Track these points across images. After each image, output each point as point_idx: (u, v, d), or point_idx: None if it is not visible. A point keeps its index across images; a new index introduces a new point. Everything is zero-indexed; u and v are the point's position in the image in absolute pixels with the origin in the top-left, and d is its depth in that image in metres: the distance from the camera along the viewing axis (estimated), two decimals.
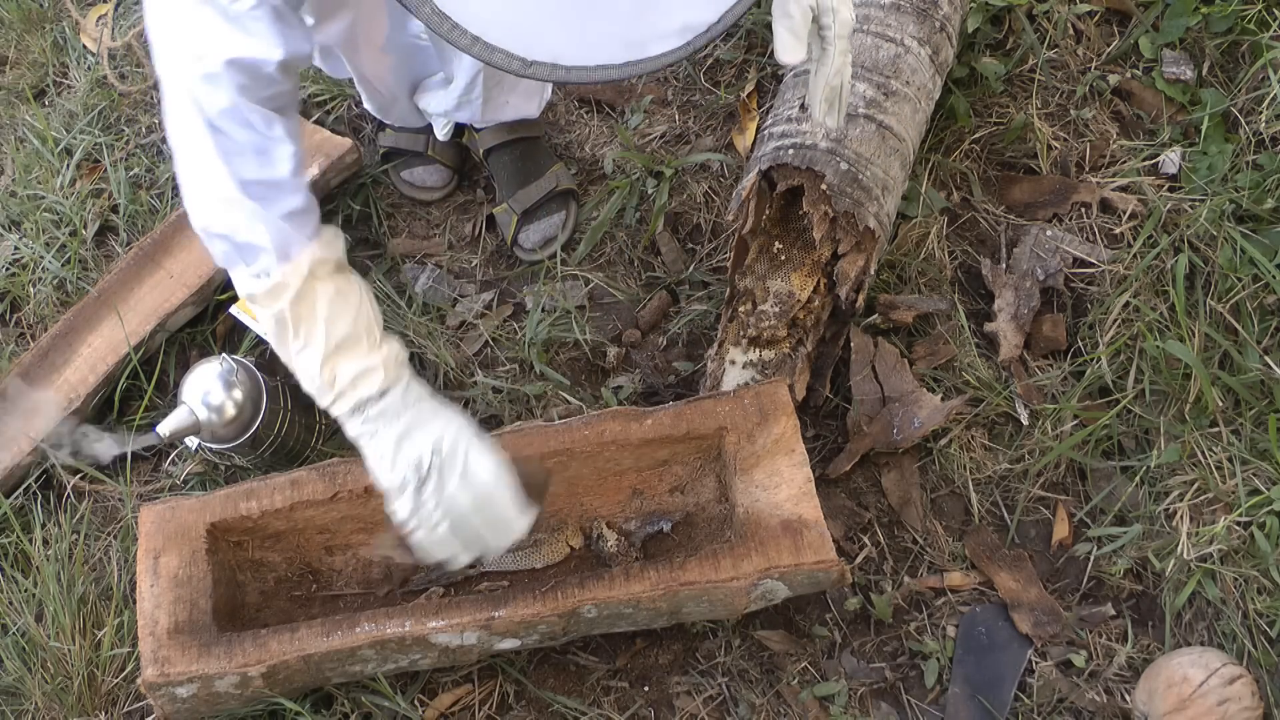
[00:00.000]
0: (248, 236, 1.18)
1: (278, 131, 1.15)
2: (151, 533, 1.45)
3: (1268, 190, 1.73)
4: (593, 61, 0.94)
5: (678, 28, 0.94)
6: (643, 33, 0.94)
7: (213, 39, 1.11)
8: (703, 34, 0.95)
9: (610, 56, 0.94)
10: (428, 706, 1.49)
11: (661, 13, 0.93)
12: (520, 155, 1.85)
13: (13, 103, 2.11)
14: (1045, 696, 1.48)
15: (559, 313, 1.77)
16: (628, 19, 0.93)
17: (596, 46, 0.93)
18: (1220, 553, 1.52)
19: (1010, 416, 1.66)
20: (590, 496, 1.55)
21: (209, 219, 1.19)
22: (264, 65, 1.12)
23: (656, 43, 0.94)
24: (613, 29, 0.93)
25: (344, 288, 1.21)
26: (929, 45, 1.69)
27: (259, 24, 1.10)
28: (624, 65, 0.94)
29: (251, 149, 1.15)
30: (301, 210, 1.19)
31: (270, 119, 1.15)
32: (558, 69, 0.93)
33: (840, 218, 1.57)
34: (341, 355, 1.20)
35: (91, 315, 1.77)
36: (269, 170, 1.16)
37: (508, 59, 0.92)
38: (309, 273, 1.18)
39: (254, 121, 1.14)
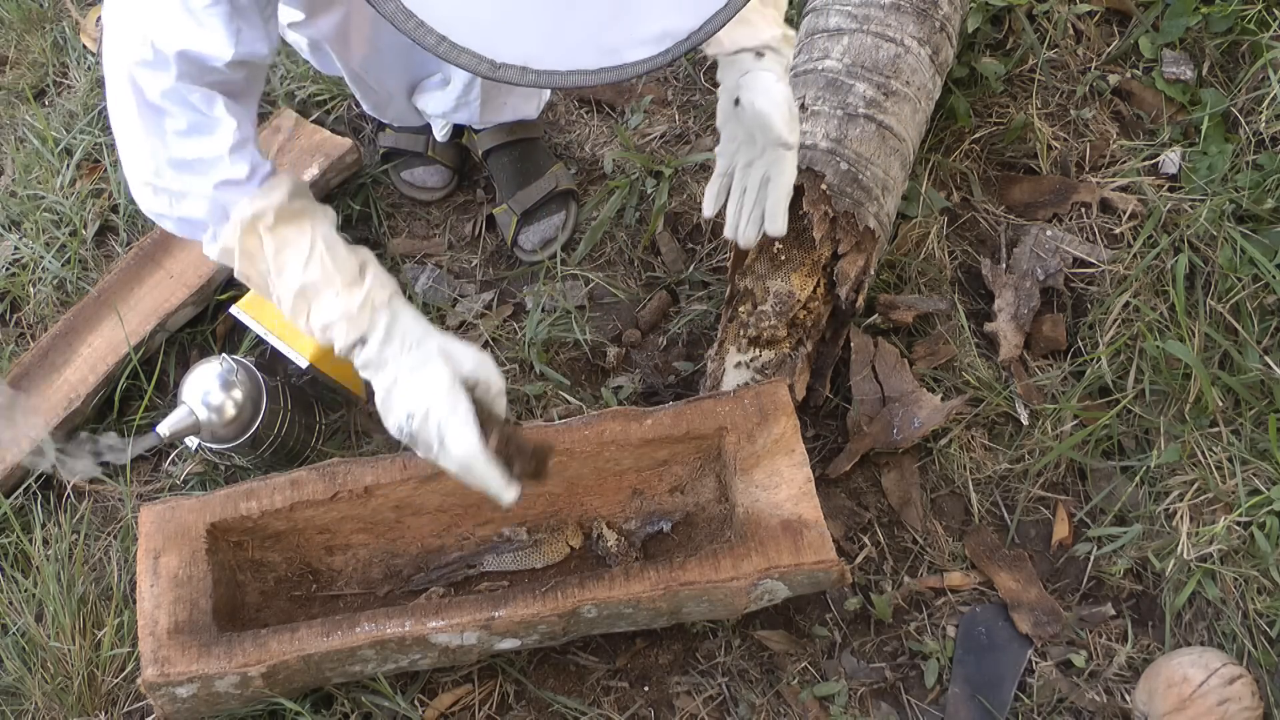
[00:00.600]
0: (184, 211, 1.19)
1: (218, 110, 1.15)
2: (151, 533, 1.45)
3: (1268, 190, 1.73)
4: (565, 66, 0.89)
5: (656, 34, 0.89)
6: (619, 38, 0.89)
7: (167, 27, 1.11)
8: (682, 41, 0.90)
9: (584, 62, 0.89)
10: (428, 706, 1.49)
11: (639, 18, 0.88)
12: (520, 156, 1.85)
13: (13, 103, 2.11)
14: (1045, 696, 1.48)
15: (559, 313, 1.77)
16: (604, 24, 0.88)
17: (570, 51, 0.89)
18: (1220, 553, 1.52)
19: (1010, 416, 1.66)
20: (590, 496, 1.55)
21: (153, 204, 1.21)
22: (213, 60, 1.12)
23: (633, 49, 0.89)
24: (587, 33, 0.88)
25: (291, 237, 1.19)
26: (929, 45, 1.69)
27: (214, 20, 1.10)
28: (597, 71, 0.89)
29: (189, 127, 1.15)
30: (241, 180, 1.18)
31: (211, 98, 1.14)
32: (528, 72, 0.88)
33: (840, 218, 1.57)
34: (306, 304, 1.19)
35: (91, 315, 1.77)
36: (206, 148, 1.16)
37: (475, 60, 0.87)
38: (248, 229, 1.18)
39: (194, 101, 1.14)
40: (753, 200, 1.44)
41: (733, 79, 1.36)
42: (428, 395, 1.19)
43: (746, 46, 1.33)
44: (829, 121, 1.61)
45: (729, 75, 1.36)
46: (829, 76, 1.66)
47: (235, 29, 1.11)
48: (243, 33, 1.12)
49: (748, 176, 1.44)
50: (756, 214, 1.44)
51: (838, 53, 1.67)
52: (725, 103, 1.39)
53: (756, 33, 1.33)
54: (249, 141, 1.19)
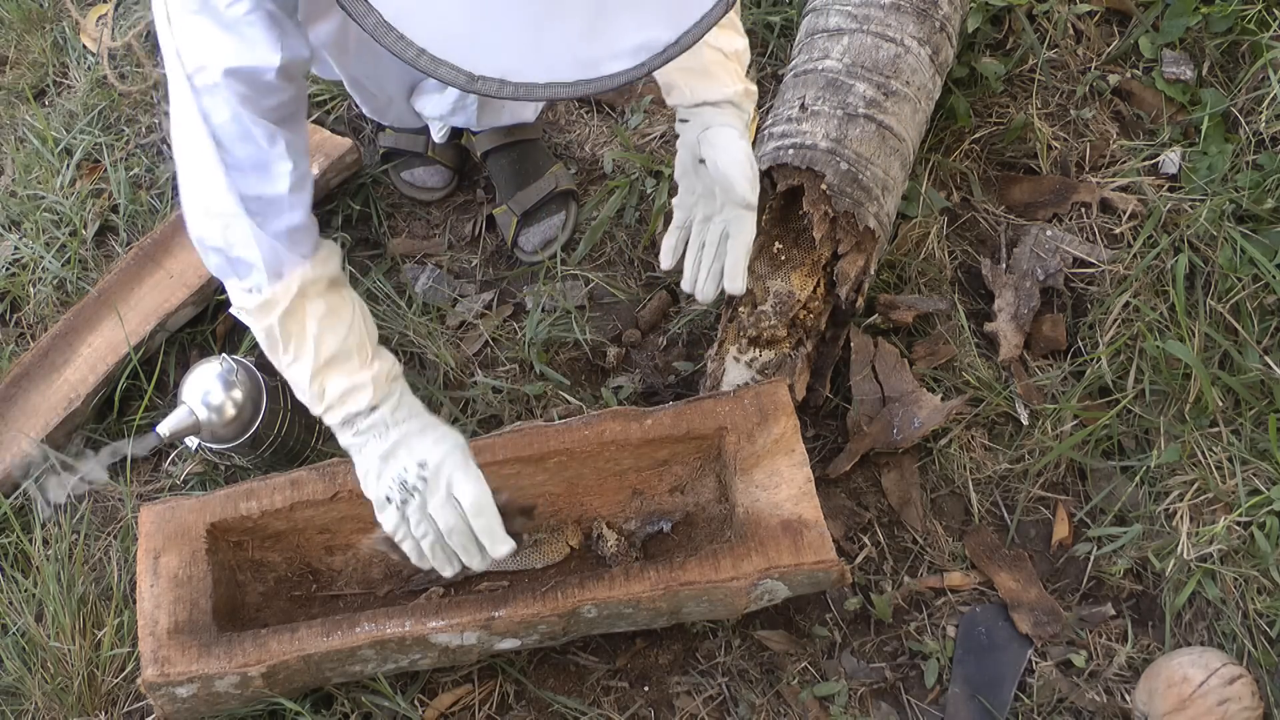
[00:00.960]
0: (241, 252, 1.19)
1: (279, 147, 1.16)
2: (151, 533, 1.45)
3: (1268, 190, 1.73)
4: (542, 79, 0.89)
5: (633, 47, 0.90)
6: (596, 52, 0.89)
7: (210, 48, 1.11)
8: (659, 55, 0.91)
9: (561, 74, 0.90)
10: (428, 706, 1.49)
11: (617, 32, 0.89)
12: (519, 157, 1.85)
13: (13, 103, 2.11)
14: (1045, 696, 1.48)
15: (559, 313, 1.77)
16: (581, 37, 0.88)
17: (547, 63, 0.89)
18: (1220, 553, 1.52)
19: (1010, 416, 1.66)
20: (590, 496, 1.55)
21: (204, 231, 1.21)
22: (263, 73, 1.12)
23: (610, 62, 0.90)
24: (565, 46, 0.88)
25: (336, 305, 1.23)
26: (929, 45, 1.69)
27: (254, 29, 1.10)
28: (575, 84, 0.90)
29: (251, 164, 1.16)
30: (298, 228, 1.20)
31: (273, 134, 1.15)
32: (505, 85, 0.89)
33: (840, 218, 1.57)
34: (331, 370, 1.22)
35: (91, 315, 1.77)
36: (267, 186, 1.17)
37: (453, 73, 0.88)
38: (299, 292, 1.20)
39: (256, 135, 1.14)
40: (711, 256, 1.45)
41: (693, 134, 1.38)
42: (441, 449, 1.25)
43: (708, 100, 1.36)
44: (829, 121, 1.61)
45: (690, 129, 1.38)
46: (829, 76, 1.66)
47: (277, 34, 1.11)
48: (285, 40, 1.12)
49: (706, 232, 1.45)
50: (716, 269, 1.46)
51: (838, 53, 1.67)
52: (685, 156, 1.41)
53: (719, 87, 1.35)
54: (306, 178, 1.20)
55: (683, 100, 1.37)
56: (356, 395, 1.23)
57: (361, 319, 1.25)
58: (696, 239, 1.46)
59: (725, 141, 1.35)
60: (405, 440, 1.25)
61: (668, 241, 1.48)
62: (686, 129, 1.39)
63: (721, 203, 1.42)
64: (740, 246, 1.42)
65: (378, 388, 1.23)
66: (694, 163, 1.40)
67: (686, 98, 1.36)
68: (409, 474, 1.24)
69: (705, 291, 1.48)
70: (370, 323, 1.26)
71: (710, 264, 1.46)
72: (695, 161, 1.40)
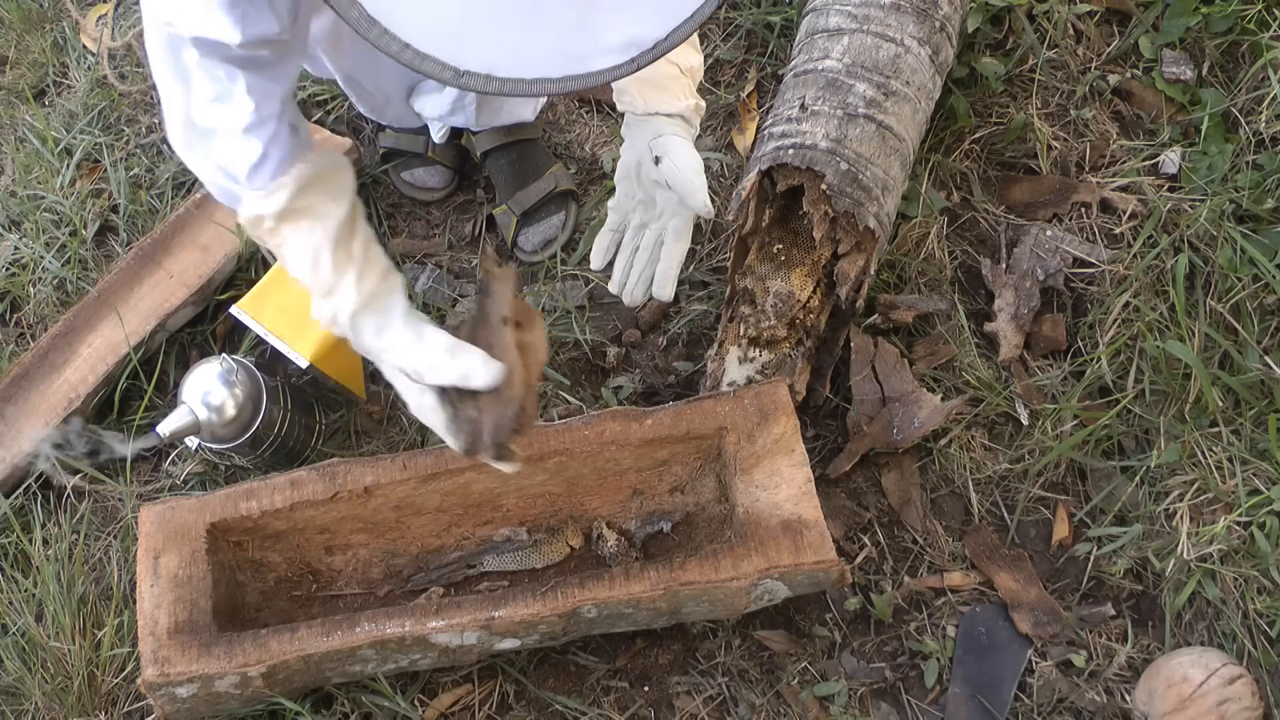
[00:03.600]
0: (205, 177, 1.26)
1: (239, 87, 1.17)
2: (151, 533, 1.45)
3: (1268, 190, 1.73)
4: (529, 74, 0.89)
5: (623, 43, 0.89)
6: (584, 47, 0.89)
7: (179, 12, 1.13)
8: (648, 51, 0.90)
9: (549, 70, 0.89)
10: (428, 706, 1.49)
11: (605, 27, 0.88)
12: (518, 157, 1.85)
13: (13, 103, 2.11)
14: (1045, 696, 1.48)
15: (559, 313, 1.77)
16: (569, 31, 0.88)
17: (534, 59, 0.88)
18: (1220, 553, 1.52)
19: (1010, 416, 1.66)
20: (590, 496, 1.55)
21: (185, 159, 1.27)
22: (225, 42, 1.13)
23: (599, 58, 0.89)
24: (552, 41, 0.88)
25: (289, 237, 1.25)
26: (929, 45, 1.69)
27: (217, 8, 1.11)
28: (562, 79, 0.89)
29: (213, 97, 1.18)
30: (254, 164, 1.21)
31: (234, 74, 1.16)
32: (492, 80, 0.88)
33: (840, 218, 1.57)
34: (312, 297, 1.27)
35: (91, 315, 1.77)
36: (223, 120, 1.19)
37: (439, 68, 0.87)
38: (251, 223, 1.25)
39: (218, 74, 1.16)
40: (644, 261, 1.47)
41: (643, 140, 1.39)
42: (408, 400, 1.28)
43: (661, 111, 1.37)
44: (829, 121, 1.61)
45: (639, 135, 1.40)
46: (829, 76, 1.66)
47: (239, 14, 1.11)
48: (248, 16, 1.12)
49: (640, 237, 1.47)
50: (647, 275, 1.47)
51: (838, 53, 1.67)
52: (630, 159, 1.42)
53: (673, 100, 1.37)
54: (269, 119, 1.20)
55: (634, 108, 1.38)
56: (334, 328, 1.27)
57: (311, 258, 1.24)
58: (630, 243, 1.48)
59: (680, 149, 1.37)
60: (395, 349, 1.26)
61: (600, 242, 1.50)
62: (634, 134, 1.41)
63: (660, 210, 1.43)
64: (675, 255, 1.44)
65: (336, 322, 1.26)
66: (637, 167, 1.42)
67: (639, 106, 1.38)
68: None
69: (634, 295, 1.50)
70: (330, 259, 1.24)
71: (643, 269, 1.47)
72: (638, 166, 1.42)
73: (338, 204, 1.26)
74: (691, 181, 1.36)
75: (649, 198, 1.44)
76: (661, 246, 1.45)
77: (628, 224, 1.48)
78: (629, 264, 1.49)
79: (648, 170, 1.40)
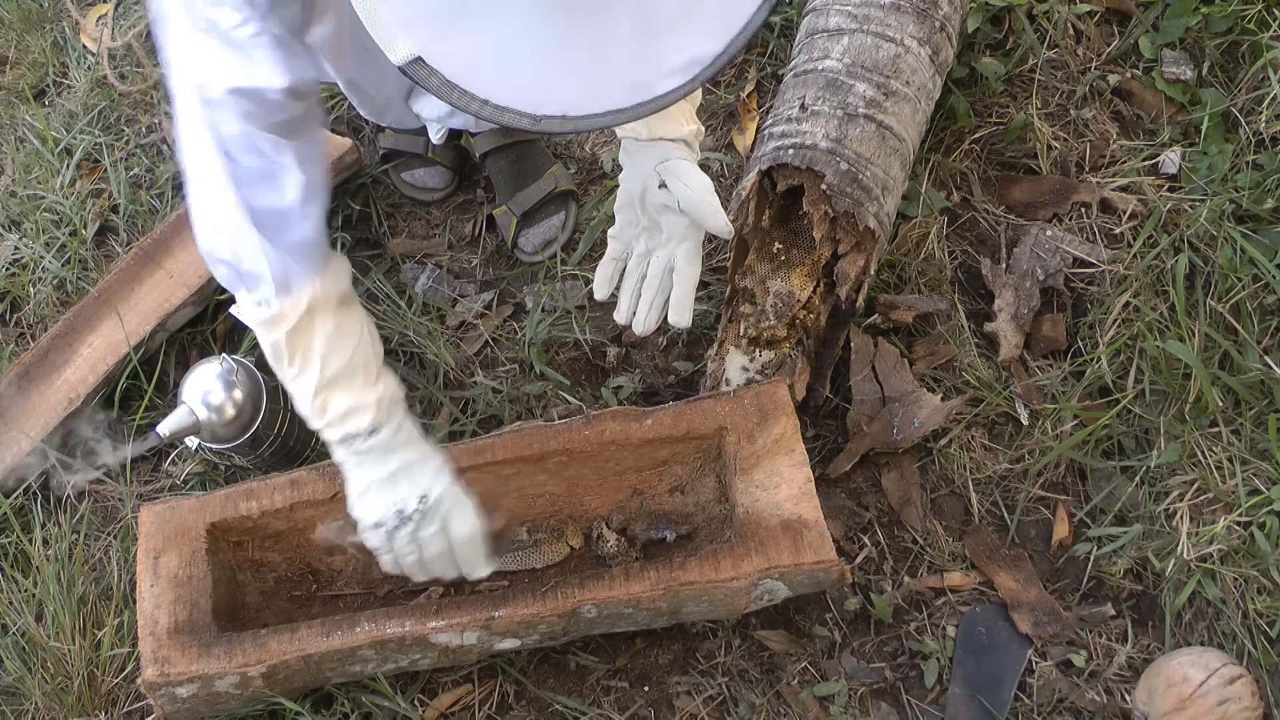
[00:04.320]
0: (250, 265, 1.19)
1: (287, 158, 1.15)
2: (151, 533, 1.45)
3: (1268, 190, 1.73)
4: (600, 109, 0.92)
5: (684, 63, 0.92)
6: (649, 73, 0.91)
7: (215, 67, 1.10)
8: (708, 67, 0.93)
9: (618, 101, 0.92)
10: (428, 706, 1.49)
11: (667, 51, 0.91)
12: (518, 158, 1.85)
13: (13, 103, 2.11)
14: (1045, 696, 1.48)
15: (559, 313, 1.77)
16: (632, 62, 0.91)
17: (603, 92, 0.91)
18: (1220, 553, 1.52)
19: (1010, 416, 1.66)
20: (590, 496, 1.55)
21: (213, 243, 1.21)
22: (268, 93, 1.11)
23: (663, 81, 0.92)
24: (618, 73, 0.91)
25: (344, 322, 1.23)
26: (929, 45, 1.69)
27: (261, 51, 1.10)
28: (633, 108, 0.92)
29: (259, 175, 1.15)
30: (308, 240, 1.19)
31: (280, 145, 1.14)
32: (568, 120, 0.91)
33: (840, 218, 1.57)
34: (334, 388, 1.22)
35: (91, 315, 1.77)
36: (275, 198, 1.16)
37: (518, 117, 0.91)
38: (307, 309, 1.20)
39: (263, 148, 1.14)
40: (655, 289, 1.45)
41: (647, 165, 1.38)
42: (442, 482, 1.27)
43: (665, 137, 1.37)
44: (829, 121, 1.61)
45: (642, 161, 1.39)
46: (829, 76, 1.66)
47: (283, 55, 1.11)
48: (292, 62, 1.12)
49: (647, 264, 1.45)
50: (659, 302, 1.46)
51: (838, 53, 1.67)
52: (632, 185, 1.41)
53: (676, 126, 1.37)
54: (317, 192, 1.19)
55: (636, 134, 1.38)
56: (358, 416, 1.23)
57: (369, 339, 1.25)
58: (635, 271, 1.46)
59: (689, 171, 1.36)
60: (407, 469, 1.25)
61: (603, 272, 1.48)
62: (636, 161, 1.40)
63: (668, 236, 1.42)
64: (689, 279, 1.42)
65: (380, 411, 1.24)
66: (641, 193, 1.41)
67: (642, 132, 1.37)
68: (409, 504, 1.25)
69: (647, 324, 1.47)
70: (377, 343, 1.27)
71: (654, 297, 1.46)
72: (642, 192, 1.41)
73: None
74: (709, 202, 1.36)
75: (653, 224, 1.43)
76: (672, 273, 1.43)
77: (630, 253, 1.47)
78: (636, 292, 1.47)
79: (653, 195, 1.39)
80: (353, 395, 1.23)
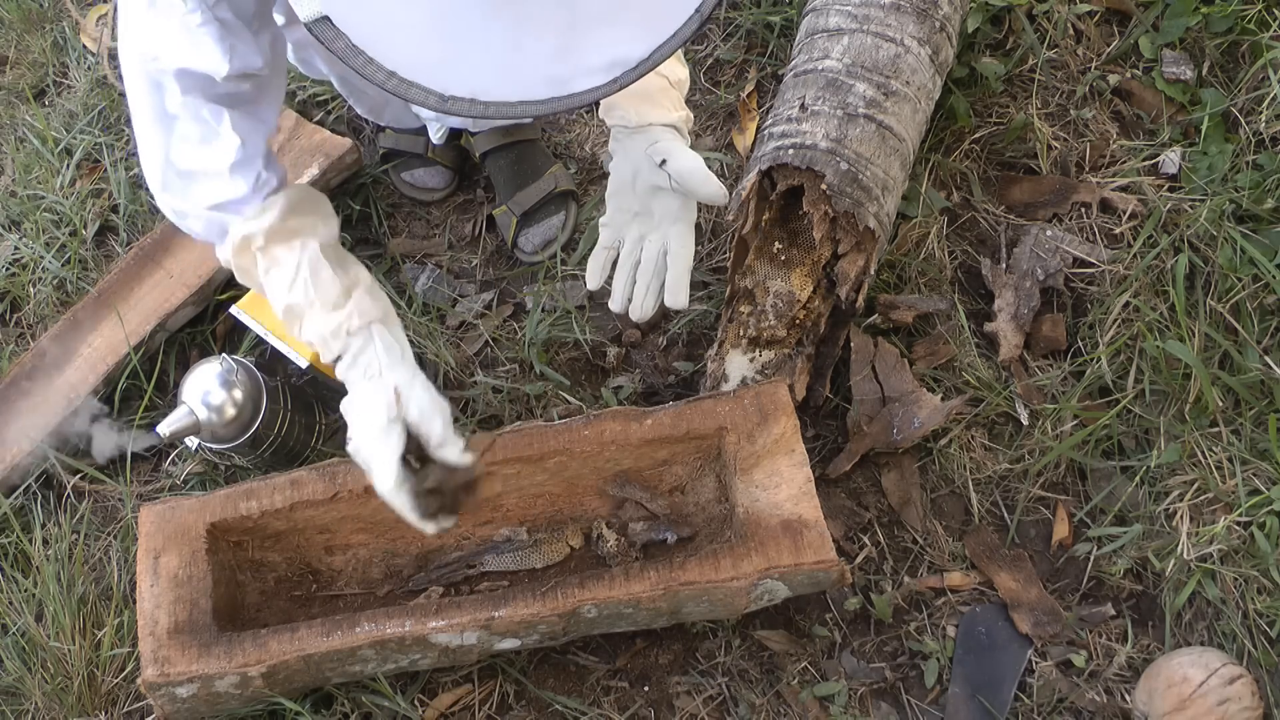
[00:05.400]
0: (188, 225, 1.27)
1: (224, 126, 1.18)
2: (151, 533, 1.45)
3: (1268, 190, 1.73)
4: (514, 97, 0.89)
5: (606, 63, 0.89)
6: (568, 69, 0.88)
7: (165, 45, 1.13)
8: (632, 70, 0.90)
9: (533, 92, 0.89)
10: (428, 706, 1.49)
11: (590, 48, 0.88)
12: (518, 157, 1.85)
13: (13, 103, 2.11)
14: (1045, 696, 1.48)
15: (559, 313, 1.77)
16: (553, 53, 0.87)
17: (519, 81, 0.88)
18: (1220, 553, 1.52)
19: (1010, 416, 1.66)
20: (590, 496, 1.55)
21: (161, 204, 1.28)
22: (212, 75, 1.14)
23: (582, 78, 0.89)
24: (536, 66, 0.88)
25: (281, 257, 1.24)
26: (929, 45, 1.69)
27: (207, 39, 1.12)
28: (546, 101, 0.89)
29: (198, 139, 1.19)
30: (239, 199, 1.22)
31: (219, 113, 1.18)
32: (476, 104, 0.89)
33: (840, 218, 1.57)
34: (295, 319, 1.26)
35: (91, 315, 1.77)
36: (207, 162, 1.20)
37: (425, 94, 0.88)
38: (240, 249, 1.24)
39: (203, 115, 1.17)
40: (650, 273, 1.45)
41: (638, 150, 1.39)
42: (366, 428, 1.24)
43: (654, 123, 1.38)
44: (829, 121, 1.61)
45: (633, 145, 1.39)
46: (829, 76, 1.66)
47: (228, 45, 1.13)
48: (236, 49, 1.13)
49: (641, 250, 1.45)
50: (655, 286, 1.46)
51: (838, 53, 1.67)
52: (623, 171, 1.42)
53: (664, 113, 1.38)
54: (255, 158, 1.21)
55: (625, 121, 1.38)
56: (317, 347, 1.26)
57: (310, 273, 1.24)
58: (629, 258, 1.46)
59: (681, 149, 1.37)
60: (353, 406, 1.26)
61: (595, 262, 1.48)
62: (626, 147, 1.40)
63: (660, 219, 1.42)
64: (684, 260, 1.43)
65: (326, 345, 1.25)
66: (633, 178, 1.41)
67: (631, 119, 1.38)
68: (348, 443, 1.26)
69: (645, 308, 1.47)
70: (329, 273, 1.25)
71: (649, 281, 1.46)
72: (634, 177, 1.41)
73: (327, 224, 1.28)
74: (700, 170, 1.36)
75: (645, 209, 1.43)
76: (667, 255, 1.44)
77: (623, 238, 1.47)
78: (630, 279, 1.47)
79: (644, 179, 1.40)
80: (307, 327, 1.25)
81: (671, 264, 1.43)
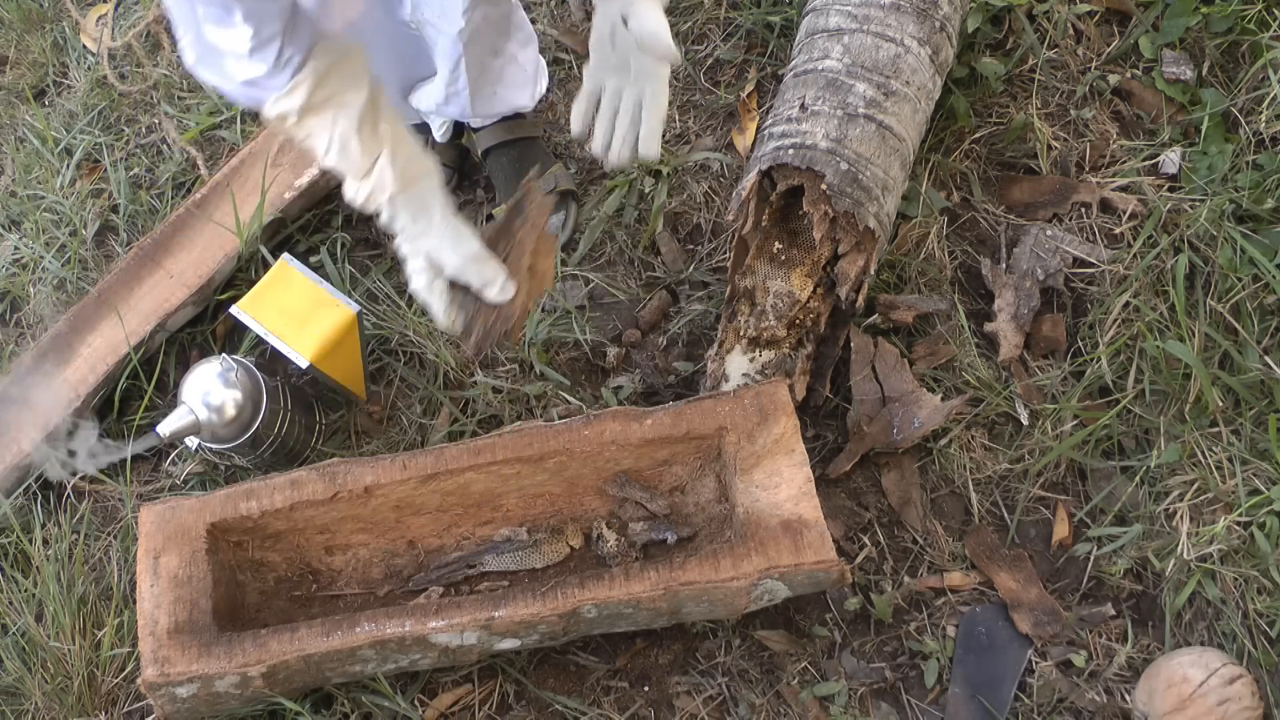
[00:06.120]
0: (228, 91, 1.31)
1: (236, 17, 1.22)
2: (151, 533, 1.45)
3: (1268, 190, 1.73)
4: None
5: None
6: None
7: None
8: None
9: None
10: (428, 706, 1.49)
11: None
12: (518, 156, 1.85)
13: (13, 103, 2.11)
14: (1045, 696, 1.48)
15: (559, 313, 1.77)
16: None
17: None
18: (1220, 553, 1.52)
19: (1010, 416, 1.66)
20: (590, 496, 1.55)
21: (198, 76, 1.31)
22: None
23: None
24: None
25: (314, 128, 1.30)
26: (929, 45, 1.69)
27: None
28: None
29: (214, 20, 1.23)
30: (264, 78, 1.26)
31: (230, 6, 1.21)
32: None
33: (840, 218, 1.57)
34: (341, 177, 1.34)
35: (91, 315, 1.77)
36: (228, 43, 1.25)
37: None
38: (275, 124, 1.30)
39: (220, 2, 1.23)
40: (626, 124, 1.49)
41: (614, 7, 1.42)
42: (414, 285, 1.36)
43: None
44: (829, 121, 1.61)
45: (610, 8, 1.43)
46: (829, 76, 1.66)
47: None
48: None
49: (619, 100, 1.49)
50: (631, 136, 1.49)
51: (838, 53, 1.67)
52: (603, 27, 1.46)
53: None
54: (273, 39, 1.25)
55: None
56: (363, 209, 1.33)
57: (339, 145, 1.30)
58: (609, 106, 1.50)
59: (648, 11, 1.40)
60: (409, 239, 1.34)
61: (578, 107, 1.52)
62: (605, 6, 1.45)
63: (636, 74, 1.46)
64: (656, 111, 1.46)
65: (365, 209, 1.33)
66: (610, 34, 1.45)
67: None
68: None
69: (621, 155, 1.51)
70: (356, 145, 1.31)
71: (625, 132, 1.49)
72: (611, 33, 1.45)
73: (357, 91, 1.32)
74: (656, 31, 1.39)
75: (623, 63, 1.46)
76: (641, 108, 1.47)
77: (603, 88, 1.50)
78: (610, 127, 1.50)
79: (621, 36, 1.43)
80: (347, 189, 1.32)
81: (645, 118, 1.47)
